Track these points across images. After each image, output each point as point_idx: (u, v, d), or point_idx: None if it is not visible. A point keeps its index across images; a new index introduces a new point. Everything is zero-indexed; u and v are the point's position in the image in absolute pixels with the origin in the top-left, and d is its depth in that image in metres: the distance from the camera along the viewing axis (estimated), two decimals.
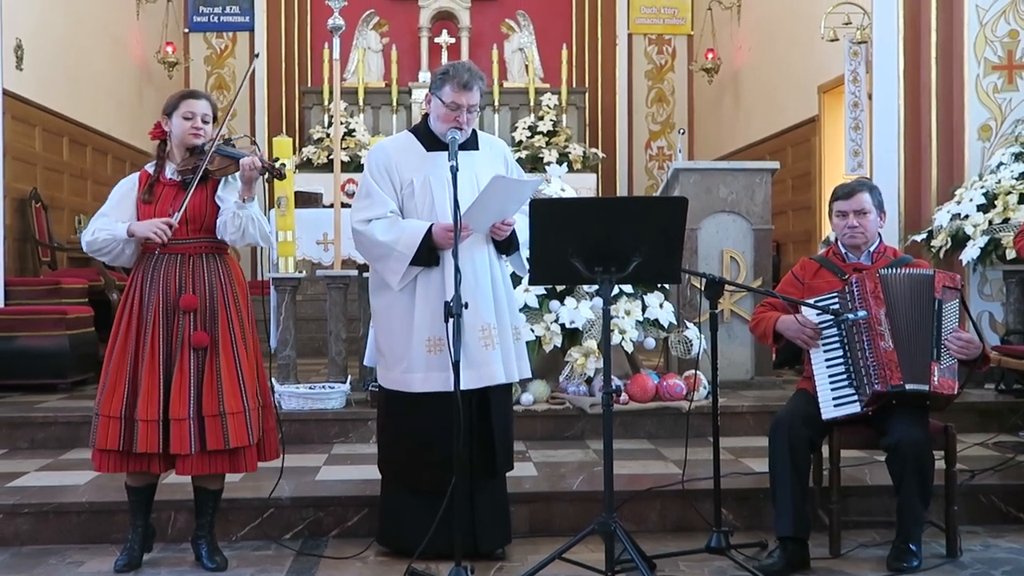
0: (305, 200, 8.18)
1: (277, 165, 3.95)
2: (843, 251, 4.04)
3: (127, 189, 3.77)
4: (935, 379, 3.67)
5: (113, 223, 3.69)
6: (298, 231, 6.10)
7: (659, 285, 5.84)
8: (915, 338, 3.71)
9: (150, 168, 3.79)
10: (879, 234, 4.06)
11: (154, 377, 3.57)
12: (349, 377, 5.79)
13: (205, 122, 3.74)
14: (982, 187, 6.20)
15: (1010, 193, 6.06)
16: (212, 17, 12.62)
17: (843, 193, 4.01)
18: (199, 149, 3.73)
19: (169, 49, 11.70)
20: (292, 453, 5.08)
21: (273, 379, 5.67)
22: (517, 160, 4.46)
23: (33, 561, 3.90)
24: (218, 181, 3.75)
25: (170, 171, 3.75)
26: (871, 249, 4.00)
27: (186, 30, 12.51)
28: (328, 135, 11.58)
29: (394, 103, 11.98)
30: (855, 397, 3.73)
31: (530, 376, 4.07)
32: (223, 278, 3.72)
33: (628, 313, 5.64)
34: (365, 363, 4.27)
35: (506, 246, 3.87)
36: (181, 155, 3.75)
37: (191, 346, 3.61)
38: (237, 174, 3.73)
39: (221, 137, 3.77)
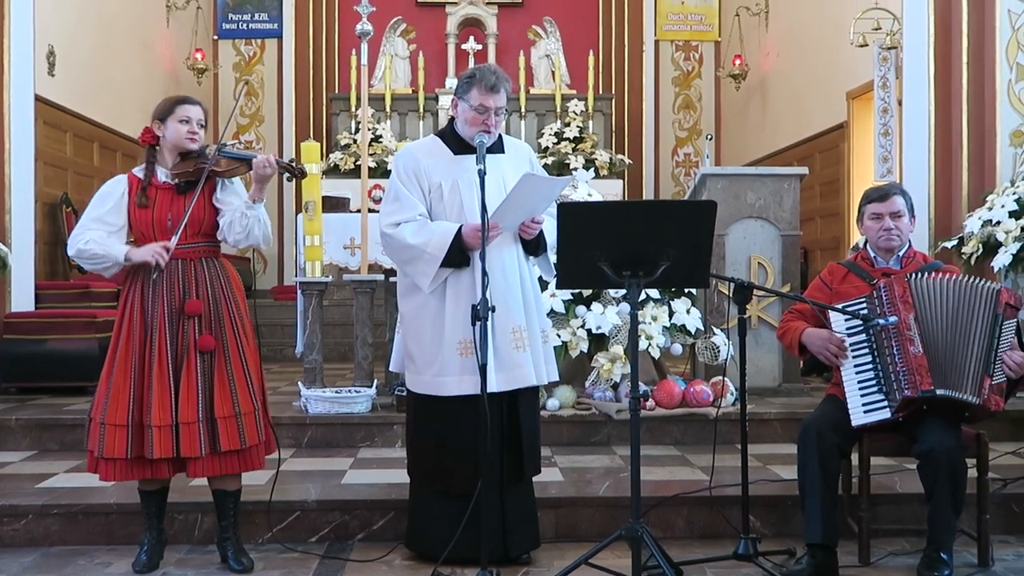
0: (332, 205, 8.19)
1: (294, 164, 3.96)
2: (872, 255, 4.00)
3: (119, 195, 3.71)
4: (986, 393, 3.62)
5: (107, 237, 3.65)
6: (325, 236, 6.11)
7: (686, 290, 5.81)
8: (950, 344, 3.66)
9: (138, 172, 3.75)
10: (909, 239, 4.02)
11: (164, 383, 3.58)
12: (375, 381, 5.80)
13: (200, 126, 3.77)
14: (1014, 193, 6.13)
15: None
16: (241, 24, 12.71)
17: (877, 196, 3.97)
18: (194, 154, 3.75)
19: (198, 56, 11.80)
20: (318, 457, 5.12)
21: (300, 383, 5.72)
22: (543, 167, 4.45)
23: (62, 561, 3.92)
24: (215, 185, 3.76)
25: (162, 175, 3.73)
26: (900, 254, 3.96)
27: (215, 37, 12.61)
28: (355, 141, 11.65)
29: (421, 109, 12.04)
30: (885, 403, 3.69)
31: (558, 379, 4.06)
32: (223, 281, 3.74)
33: (655, 319, 5.61)
34: (391, 368, 4.27)
35: (533, 247, 3.85)
36: (172, 159, 3.75)
37: (197, 350, 3.63)
38: (236, 178, 3.77)
39: (220, 142, 3.84)
